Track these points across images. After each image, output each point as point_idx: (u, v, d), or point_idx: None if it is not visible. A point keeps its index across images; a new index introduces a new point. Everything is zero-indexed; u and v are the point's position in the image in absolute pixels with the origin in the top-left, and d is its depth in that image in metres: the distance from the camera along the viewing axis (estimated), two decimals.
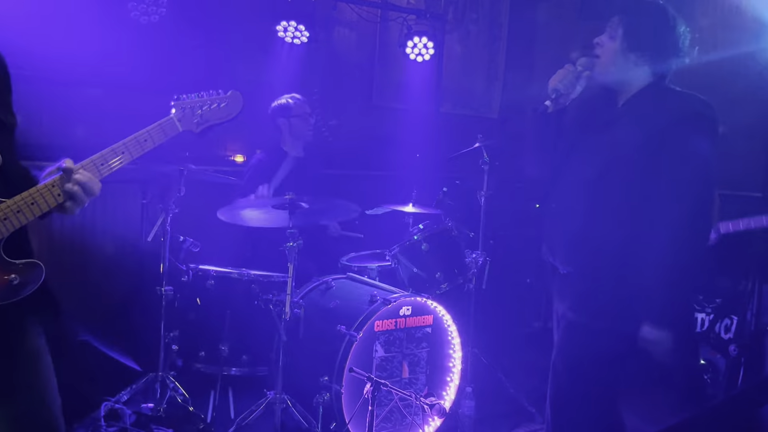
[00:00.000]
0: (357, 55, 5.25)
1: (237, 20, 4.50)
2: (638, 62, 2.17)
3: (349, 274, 3.67)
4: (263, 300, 3.30)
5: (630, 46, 2.16)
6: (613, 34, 2.19)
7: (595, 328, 2.14)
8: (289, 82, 4.73)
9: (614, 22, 2.20)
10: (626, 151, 2.11)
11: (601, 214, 2.14)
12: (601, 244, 2.13)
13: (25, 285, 1.59)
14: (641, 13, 2.21)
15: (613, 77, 2.22)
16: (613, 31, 2.20)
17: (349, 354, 3.02)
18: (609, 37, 2.20)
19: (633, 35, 2.16)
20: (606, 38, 2.21)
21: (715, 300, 3.98)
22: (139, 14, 3.81)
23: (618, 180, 2.11)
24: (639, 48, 2.16)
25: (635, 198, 2.09)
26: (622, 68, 2.18)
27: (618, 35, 2.17)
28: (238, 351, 3.44)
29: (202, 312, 3.48)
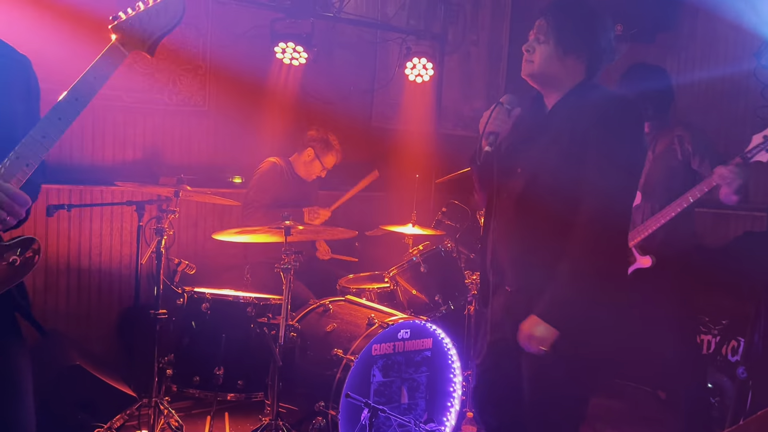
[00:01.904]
0: (356, 75, 5.25)
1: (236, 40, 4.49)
2: (572, 65, 2.10)
3: (347, 297, 3.61)
4: (259, 323, 3.24)
5: (565, 48, 2.09)
6: (544, 38, 2.10)
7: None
8: (287, 102, 4.73)
9: (542, 25, 2.12)
10: (552, 157, 2.03)
11: (536, 225, 2.05)
12: (542, 257, 2.03)
13: (27, 262, 1.59)
14: (572, 14, 2.13)
15: (547, 81, 2.14)
16: (543, 34, 2.11)
17: (345, 379, 2.95)
18: (539, 41, 2.12)
19: (567, 37, 2.09)
20: (535, 43, 2.13)
21: (721, 321, 3.91)
22: None
23: (546, 187, 2.04)
24: (575, 49, 2.09)
25: (565, 203, 2.00)
26: (555, 71, 2.11)
27: (551, 39, 2.09)
28: (234, 376, 3.37)
29: (197, 336, 3.42)
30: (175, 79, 4.40)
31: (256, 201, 4.13)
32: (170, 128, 4.42)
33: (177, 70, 4.39)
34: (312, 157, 4.28)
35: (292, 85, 4.75)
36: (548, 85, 2.16)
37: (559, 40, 2.09)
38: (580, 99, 2.09)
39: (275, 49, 4.42)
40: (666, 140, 3.23)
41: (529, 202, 2.07)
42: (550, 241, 2.01)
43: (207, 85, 4.51)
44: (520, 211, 2.11)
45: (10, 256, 1.57)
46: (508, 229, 2.15)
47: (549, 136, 2.08)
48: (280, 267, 3.09)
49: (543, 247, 2.04)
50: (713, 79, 4.81)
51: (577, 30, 2.11)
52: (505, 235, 2.16)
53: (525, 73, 2.17)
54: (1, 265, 1.57)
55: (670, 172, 3.18)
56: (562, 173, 2.00)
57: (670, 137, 3.23)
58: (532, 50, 2.13)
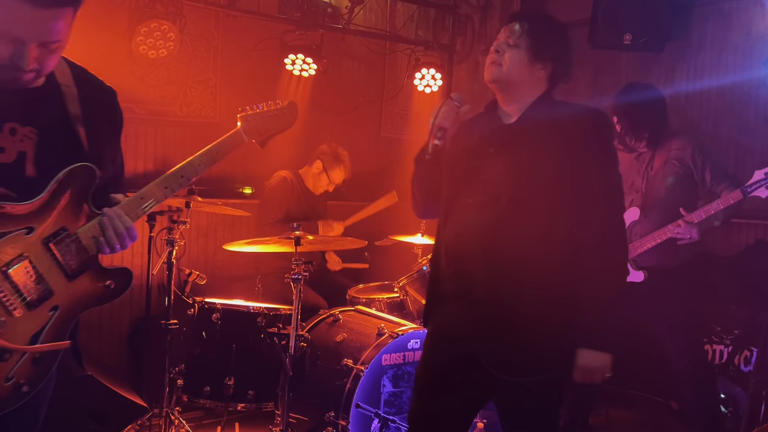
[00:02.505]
0: (365, 86, 5.27)
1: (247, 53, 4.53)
2: (539, 73, 2.07)
3: (356, 307, 3.62)
4: (269, 334, 3.25)
5: (536, 55, 2.05)
6: (515, 42, 2.06)
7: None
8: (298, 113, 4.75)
9: (515, 29, 2.07)
10: (542, 166, 1.98)
11: (523, 234, 1.98)
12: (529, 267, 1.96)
13: (120, 289, 1.77)
14: (544, 22, 2.12)
15: (510, 87, 2.08)
16: (514, 38, 2.06)
17: (356, 389, 2.95)
18: (509, 45, 2.06)
19: (539, 44, 2.05)
20: (506, 45, 2.07)
21: (734, 331, 3.87)
22: (147, 48, 3.84)
23: (527, 201, 1.98)
24: (544, 58, 2.06)
25: (549, 217, 1.97)
26: (522, 78, 2.06)
27: (522, 44, 2.06)
28: (244, 386, 3.38)
29: (208, 346, 3.44)
30: (186, 91, 4.44)
31: (269, 217, 4.13)
32: (181, 140, 4.46)
33: (188, 82, 4.44)
34: (320, 170, 4.30)
35: (302, 96, 4.78)
36: (510, 91, 2.10)
37: (530, 46, 2.06)
38: (552, 110, 2.07)
39: (285, 61, 4.45)
40: (663, 156, 3.24)
41: (515, 212, 1.99)
42: (540, 250, 1.96)
43: (217, 97, 4.55)
44: (499, 219, 2.00)
45: (107, 280, 1.74)
46: (480, 235, 2.02)
47: (529, 145, 2.02)
48: (291, 277, 3.10)
49: (531, 257, 1.96)
50: (723, 88, 4.79)
51: (549, 39, 2.09)
52: (476, 242, 2.03)
53: (491, 76, 2.09)
54: (99, 286, 1.73)
55: (669, 186, 3.19)
56: (555, 183, 1.98)
57: (668, 151, 3.23)
58: (502, 52, 2.07)
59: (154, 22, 3.80)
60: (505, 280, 1.98)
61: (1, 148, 1.60)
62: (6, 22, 1.49)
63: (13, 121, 1.61)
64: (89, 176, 1.69)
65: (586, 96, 5.66)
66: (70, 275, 1.67)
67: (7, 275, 1.56)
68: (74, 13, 1.58)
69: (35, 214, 1.61)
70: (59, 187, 1.64)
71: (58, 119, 1.69)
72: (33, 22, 1.50)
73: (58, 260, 1.65)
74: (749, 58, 4.66)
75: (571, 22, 5.63)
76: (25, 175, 1.63)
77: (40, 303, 1.62)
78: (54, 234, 1.64)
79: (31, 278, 1.60)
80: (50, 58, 1.59)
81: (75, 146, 1.70)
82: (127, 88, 4.13)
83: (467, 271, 2.04)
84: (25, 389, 1.62)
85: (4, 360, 1.57)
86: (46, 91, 1.68)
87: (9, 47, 1.51)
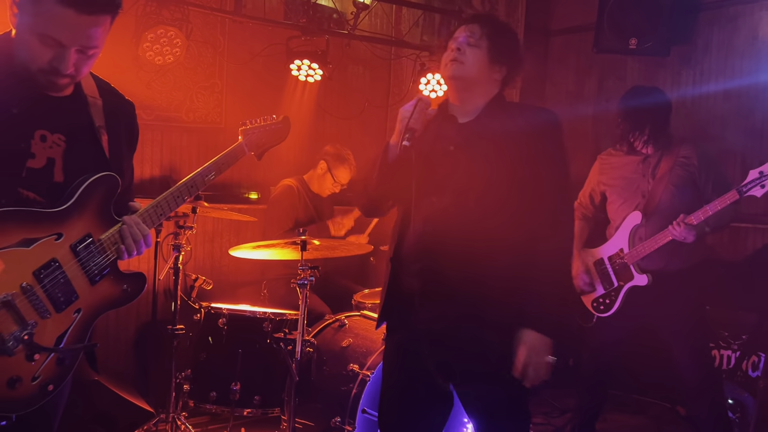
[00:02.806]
0: (371, 91, 5.29)
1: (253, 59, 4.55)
2: (495, 75, 2.15)
3: (362, 312, 3.62)
4: (275, 339, 3.25)
5: (494, 57, 2.12)
6: (476, 42, 2.12)
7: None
8: (303, 119, 4.77)
9: (475, 30, 2.13)
10: (506, 164, 2.04)
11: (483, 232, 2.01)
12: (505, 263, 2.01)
13: (136, 292, 1.85)
14: (502, 27, 2.20)
15: (469, 87, 2.13)
16: (474, 38, 2.12)
17: (362, 394, 2.95)
18: (470, 45, 2.12)
19: (498, 47, 2.13)
20: (466, 44, 2.12)
21: (741, 336, 3.86)
22: (154, 54, 3.86)
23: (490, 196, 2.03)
24: (501, 61, 2.14)
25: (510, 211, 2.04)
26: (481, 78, 2.13)
27: (483, 45, 2.12)
28: (250, 391, 3.38)
29: (214, 351, 3.44)
30: (192, 96, 4.46)
31: (278, 228, 4.10)
32: (187, 145, 4.48)
33: (194, 88, 4.46)
34: (325, 171, 4.30)
35: (308, 101, 4.79)
36: (467, 90, 2.15)
37: (490, 48, 2.12)
38: (507, 110, 2.16)
39: (291, 67, 4.46)
40: (670, 160, 3.23)
41: (481, 207, 2.03)
42: (503, 244, 2.01)
43: (223, 103, 4.57)
44: (467, 215, 2.03)
45: (124, 284, 1.82)
46: (448, 232, 2.04)
47: (488, 142, 2.07)
48: (297, 282, 3.10)
49: (496, 251, 1.99)
50: (729, 92, 4.78)
51: (507, 44, 2.17)
52: (444, 239, 2.04)
53: (452, 73, 2.12)
54: (117, 290, 1.81)
55: (674, 192, 3.18)
56: (513, 179, 2.04)
57: (674, 157, 3.23)
58: (463, 50, 2.12)
59: (161, 29, 3.82)
60: (474, 277, 2.01)
61: (32, 154, 1.67)
62: (51, 26, 1.57)
63: (43, 128, 1.69)
64: (113, 185, 1.77)
65: (592, 100, 5.66)
66: (93, 279, 1.74)
67: (40, 279, 1.63)
68: (112, 21, 1.67)
69: (63, 220, 1.68)
70: (85, 195, 1.72)
71: (85, 128, 1.77)
72: (75, 28, 1.59)
73: (83, 265, 1.72)
74: (756, 62, 4.64)
75: (576, 26, 5.66)
76: (53, 180, 1.71)
77: (66, 306, 1.69)
78: (80, 240, 1.71)
79: (60, 282, 1.67)
80: (86, 64, 1.67)
81: (99, 155, 1.78)
82: (134, 94, 4.08)
83: (436, 270, 2.05)
84: (50, 388, 1.69)
85: (32, 360, 1.63)
86: (73, 101, 1.76)
87: (50, 51, 1.60)
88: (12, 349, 1.57)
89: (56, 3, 1.56)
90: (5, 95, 1.64)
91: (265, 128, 2.23)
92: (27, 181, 1.66)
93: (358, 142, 5.12)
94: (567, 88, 5.81)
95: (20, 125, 1.66)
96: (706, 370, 3.25)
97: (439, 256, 2.05)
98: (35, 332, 1.62)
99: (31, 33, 1.60)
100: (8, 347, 1.56)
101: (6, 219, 1.59)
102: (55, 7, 1.56)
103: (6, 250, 1.57)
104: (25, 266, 1.61)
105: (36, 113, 1.69)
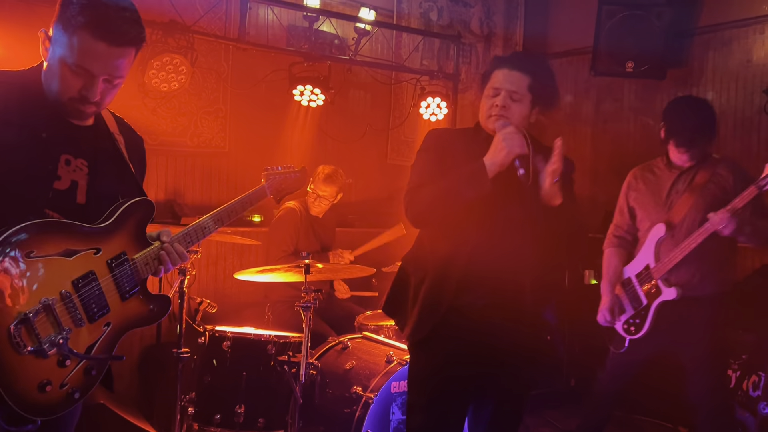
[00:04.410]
0: (372, 115, 5.36)
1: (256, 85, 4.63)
2: (533, 118, 2.27)
3: (364, 334, 3.65)
4: (279, 361, 3.28)
5: (535, 105, 2.25)
6: (520, 98, 2.21)
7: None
8: (306, 143, 4.84)
9: (517, 81, 2.21)
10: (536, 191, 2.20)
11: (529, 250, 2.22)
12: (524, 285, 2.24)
13: (160, 313, 1.94)
14: (543, 72, 2.27)
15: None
16: (519, 94, 2.21)
17: (365, 416, 2.97)
18: (513, 100, 2.21)
19: (541, 97, 2.24)
20: (510, 100, 2.21)
21: (741, 356, 3.88)
22: (159, 81, 3.94)
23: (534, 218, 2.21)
24: (542, 106, 2.26)
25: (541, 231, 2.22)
26: (522, 125, 2.24)
27: (526, 100, 2.22)
28: (255, 414, 3.39)
29: (219, 374, 3.46)
30: (196, 121, 4.53)
31: (279, 251, 4.13)
32: (191, 169, 4.54)
33: (199, 114, 4.53)
34: (312, 189, 4.30)
35: (310, 125, 4.86)
36: None
37: (533, 100, 2.24)
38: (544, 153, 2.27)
39: (294, 92, 4.54)
40: (706, 174, 3.11)
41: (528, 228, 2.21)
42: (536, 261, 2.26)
43: (227, 128, 4.64)
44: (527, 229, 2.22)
45: (151, 304, 1.91)
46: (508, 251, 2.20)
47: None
48: (300, 305, 3.13)
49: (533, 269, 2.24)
50: (725, 114, 4.85)
51: (548, 89, 2.27)
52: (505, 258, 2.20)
53: (497, 128, 2.19)
54: (145, 309, 1.90)
55: (704, 208, 3.03)
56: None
57: (712, 172, 3.10)
58: (508, 106, 2.22)
59: (167, 56, 3.90)
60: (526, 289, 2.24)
61: (58, 176, 1.79)
62: (83, 58, 1.71)
63: (68, 152, 1.81)
64: (149, 210, 1.91)
65: (589, 122, 5.74)
66: (124, 296, 1.84)
67: (78, 288, 1.72)
68: (136, 54, 1.79)
69: (103, 236, 1.81)
70: (124, 216, 1.85)
71: (107, 155, 1.91)
72: (105, 59, 1.72)
73: (117, 281, 1.82)
74: (750, 85, 4.72)
75: (573, 50, 5.76)
76: (76, 202, 1.83)
77: (99, 317, 1.78)
78: (116, 257, 1.82)
79: (95, 294, 1.76)
80: (110, 93, 1.81)
81: (122, 177, 1.92)
82: (140, 120, 4.23)
83: (499, 287, 2.21)
84: (77, 396, 1.75)
85: (64, 366, 1.70)
86: (95, 130, 1.90)
87: (80, 80, 1.73)
88: (47, 352, 1.64)
89: (90, 37, 1.69)
90: (36, 121, 1.77)
91: (285, 175, 2.48)
92: (53, 202, 1.77)
93: (360, 165, 5.19)
94: (565, 110, 5.89)
95: (48, 149, 1.78)
96: (721, 397, 3.13)
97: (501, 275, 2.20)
98: (69, 338, 1.69)
99: (64, 64, 1.72)
100: (44, 348, 1.63)
101: (52, 229, 1.70)
102: (89, 40, 1.69)
103: (50, 258, 1.67)
104: (65, 275, 1.70)
105: (61, 138, 1.81)
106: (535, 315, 2.28)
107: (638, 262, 3.23)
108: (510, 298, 2.22)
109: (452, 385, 2.25)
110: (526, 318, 2.25)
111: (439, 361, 2.25)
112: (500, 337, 2.22)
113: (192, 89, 4.38)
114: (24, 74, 1.82)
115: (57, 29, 1.73)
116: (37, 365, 1.64)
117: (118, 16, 1.71)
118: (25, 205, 1.71)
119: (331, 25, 4.85)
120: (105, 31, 1.69)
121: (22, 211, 1.67)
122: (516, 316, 2.23)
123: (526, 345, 2.28)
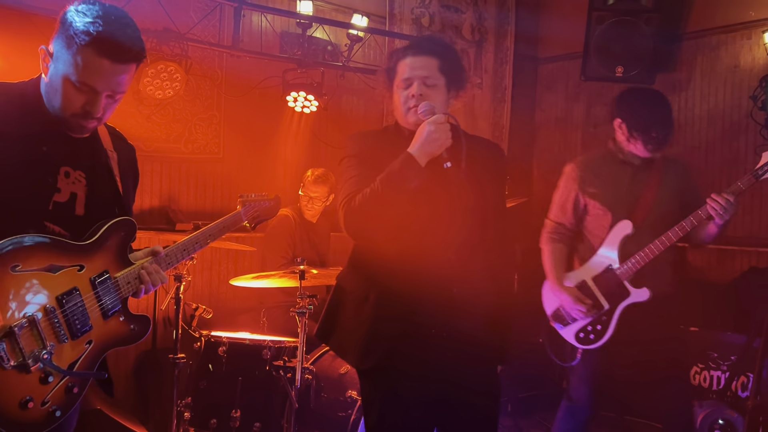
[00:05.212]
0: (364, 120, 5.40)
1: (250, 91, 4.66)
2: (452, 101, 2.14)
3: None
4: (275, 366, 3.31)
5: (451, 88, 2.11)
6: (434, 83, 2.07)
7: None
8: (299, 148, 4.88)
9: (427, 65, 2.06)
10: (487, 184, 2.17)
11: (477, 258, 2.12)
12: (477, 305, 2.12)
13: (141, 333, 1.95)
14: (449, 52, 2.15)
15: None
16: (433, 79, 2.06)
17: (360, 420, 3.00)
18: (428, 86, 2.06)
19: (454, 78, 2.10)
20: (424, 87, 2.06)
21: (730, 357, 3.93)
22: (154, 89, 3.97)
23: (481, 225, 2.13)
24: (458, 88, 2.14)
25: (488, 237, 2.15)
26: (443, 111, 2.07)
27: (441, 82, 2.07)
28: (250, 418, 3.42)
29: (214, 379, 3.49)
30: (191, 128, 4.56)
31: (276, 260, 4.14)
32: (186, 176, 4.57)
33: (193, 120, 4.56)
34: (303, 193, 4.31)
35: (304, 131, 4.90)
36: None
37: (447, 84, 2.09)
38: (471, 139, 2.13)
39: (287, 98, 4.57)
40: (664, 169, 3.01)
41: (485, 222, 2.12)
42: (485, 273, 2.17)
43: (221, 134, 4.67)
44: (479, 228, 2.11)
45: (131, 323, 1.92)
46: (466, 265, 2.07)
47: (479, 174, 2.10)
48: (296, 310, 3.17)
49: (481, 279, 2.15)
50: (713, 119, 4.91)
51: (459, 73, 2.14)
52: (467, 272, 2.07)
53: (417, 120, 2.05)
54: (125, 328, 1.91)
55: (667, 202, 2.96)
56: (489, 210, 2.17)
57: (666, 168, 3.01)
58: (425, 95, 2.05)
59: (161, 64, 3.93)
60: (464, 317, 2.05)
61: (58, 189, 1.81)
62: (87, 74, 1.72)
63: (67, 165, 1.84)
64: (130, 229, 1.93)
65: (580, 126, 5.80)
66: (106, 314, 1.84)
67: (62, 303, 1.73)
68: (136, 69, 1.82)
69: (86, 253, 1.81)
70: (107, 234, 1.86)
71: (103, 167, 1.93)
72: (109, 75, 1.74)
73: (99, 299, 1.82)
74: (738, 90, 4.79)
75: (564, 55, 5.82)
76: (75, 213, 1.85)
77: (81, 334, 1.78)
78: (99, 275, 1.82)
79: (78, 310, 1.76)
80: (111, 108, 1.83)
81: (114, 192, 1.95)
82: (135, 127, 4.26)
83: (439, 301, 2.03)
84: (58, 414, 1.75)
85: (46, 383, 1.70)
86: (91, 142, 1.92)
87: (83, 97, 1.75)
88: (30, 367, 1.64)
89: (94, 54, 1.70)
90: (37, 135, 1.78)
91: (260, 203, 2.54)
92: (52, 214, 1.79)
93: None
94: (556, 114, 5.95)
95: (49, 162, 1.80)
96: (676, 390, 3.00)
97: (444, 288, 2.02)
98: (54, 353, 1.69)
99: (67, 80, 1.73)
100: (27, 363, 1.63)
101: (38, 246, 1.70)
102: (93, 57, 1.70)
103: (34, 272, 1.68)
104: (50, 290, 1.71)
105: (61, 151, 1.83)
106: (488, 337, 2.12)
107: (596, 263, 2.98)
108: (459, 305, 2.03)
109: (412, 413, 2.07)
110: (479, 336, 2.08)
111: (391, 392, 2.07)
112: (454, 365, 2.03)
113: (186, 96, 4.41)
114: (23, 87, 1.83)
115: (58, 45, 1.73)
116: (19, 381, 1.63)
117: (121, 33, 1.72)
118: (25, 218, 1.73)
119: (324, 32, 4.89)
120: (109, 48, 1.70)
121: (22, 223, 1.69)
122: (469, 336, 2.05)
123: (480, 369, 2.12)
